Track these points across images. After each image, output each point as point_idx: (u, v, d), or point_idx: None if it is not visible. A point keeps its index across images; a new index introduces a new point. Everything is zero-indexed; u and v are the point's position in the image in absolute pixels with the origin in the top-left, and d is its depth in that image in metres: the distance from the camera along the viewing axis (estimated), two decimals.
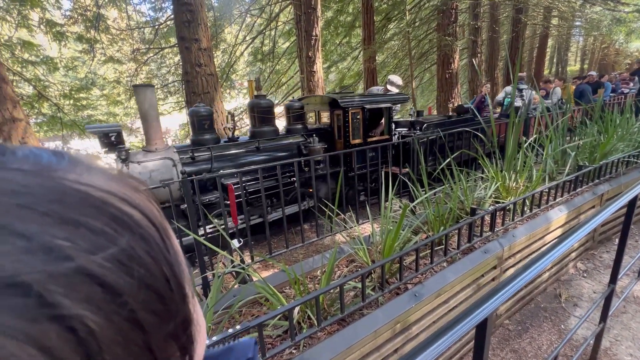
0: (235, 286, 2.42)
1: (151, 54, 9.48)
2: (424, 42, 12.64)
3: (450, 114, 7.72)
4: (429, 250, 2.20)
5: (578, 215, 3.26)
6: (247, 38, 12.42)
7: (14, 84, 6.83)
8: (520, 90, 6.38)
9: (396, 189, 2.99)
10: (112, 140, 3.14)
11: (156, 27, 9.26)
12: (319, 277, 2.41)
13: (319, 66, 8.80)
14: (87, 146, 10.31)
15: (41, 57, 7.92)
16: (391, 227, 2.38)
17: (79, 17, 8.38)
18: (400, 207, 3.07)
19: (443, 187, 2.94)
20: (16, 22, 7.49)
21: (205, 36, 6.62)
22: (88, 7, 8.53)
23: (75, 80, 9.60)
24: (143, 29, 9.46)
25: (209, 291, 2.27)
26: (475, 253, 2.48)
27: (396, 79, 5.97)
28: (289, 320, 1.55)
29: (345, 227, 2.80)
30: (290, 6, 11.09)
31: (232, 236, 2.73)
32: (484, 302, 0.95)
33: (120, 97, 10.09)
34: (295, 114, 4.55)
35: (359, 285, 1.91)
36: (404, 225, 2.66)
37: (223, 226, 2.62)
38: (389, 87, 5.71)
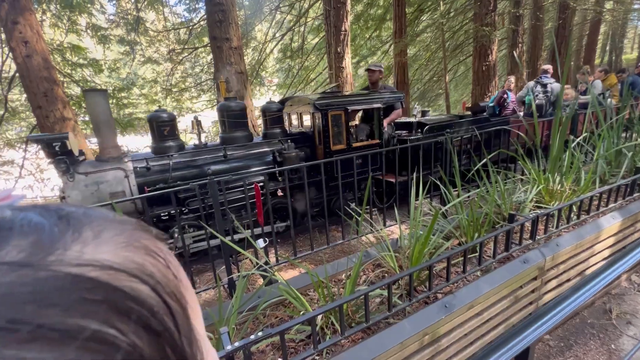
0: (256, 286, 2.43)
1: (185, 54, 9.84)
2: (459, 33, 12.02)
3: (464, 112, 7.26)
4: (462, 258, 2.07)
5: (634, 224, 2.93)
6: (277, 35, 12.51)
7: (64, 85, 7.38)
8: (545, 85, 5.68)
9: (425, 190, 2.84)
10: (57, 150, 2.84)
11: (190, 27, 9.58)
12: (344, 281, 2.37)
13: (347, 62, 8.67)
14: (130, 141, 11.02)
15: (88, 59, 8.49)
16: (421, 232, 2.27)
17: (121, 21, 8.86)
18: (430, 210, 2.93)
19: (478, 189, 2.76)
20: (66, 27, 8.07)
21: (236, 35, 6.73)
22: (129, 11, 9.00)
23: (117, 81, 10.20)
24: (178, 30, 9.83)
25: (234, 291, 2.30)
26: (513, 263, 2.31)
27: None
28: (311, 328, 1.52)
29: (371, 229, 2.72)
30: (319, 1, 11.02)
31: (258, 236, 2.75)
32: (525, 328, 0.85)
33: (157, 96, 10.60)
34: (273, 117, 4.08)
35: (385, 292, 1.84)
36: (435, 229, 2.54)
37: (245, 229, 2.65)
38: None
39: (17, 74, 6.09)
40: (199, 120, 3.76)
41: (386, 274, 2.35)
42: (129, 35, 9.02)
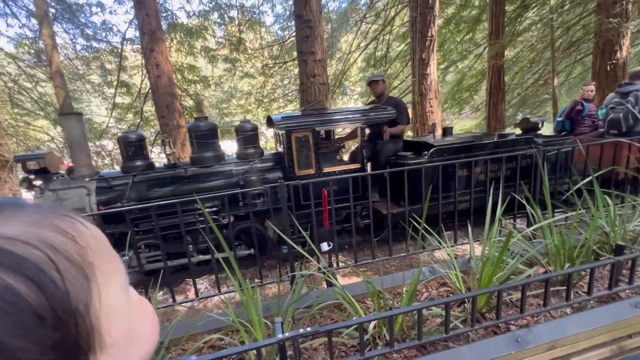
0: (321, 287, 2.54)
1: (276, 68, 10.83)
2: (575, 28, 10.27)
3: (509, 131, 5.86)
4: (543, 290, 1.80)
5: None
6: (361, 45, 12.73)
7: (181, 99, 8.92)
8: (626, 95, 4.20)
9: (504, 208, 2.54)
10: (31, 168, 3.08)
11: (282, 43, 10.52)
12: (403, 295, 2.29)
13: (433, 68, 8.29)
14: (227, 146, 12.66)
15: (200, 76, 10.10)
16: (496, 254, 2.06)
17: (226, 42, 10.30)
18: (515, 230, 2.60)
19: (575, 211, 2.34)
20: (186, 51, 9.78)
21: (321, 48, 7.13)
22: (233, 33, 10.39)
23: (221, 93, 11.84)
24: (272, 46, 10.90)
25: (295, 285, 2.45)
26: (620, 305, 1.90)
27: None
28: (359, 333, 1.54)
29: (439, 245, 2.56)
30: (406, 8, 10.81)
31: (323, 239, 2.88)
32: None
33: (250, 107, 11.91)
34: (247, 137, 3.82)
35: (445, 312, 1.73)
36: (515, 253, 2.26)
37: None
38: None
39: (149, 91, 7.64)
40: (169, 139, 3.78)
41: (451, 294, 2.19)
42: (232, 54, 10.40)
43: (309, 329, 1.45)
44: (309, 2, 6.80)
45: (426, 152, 3.54)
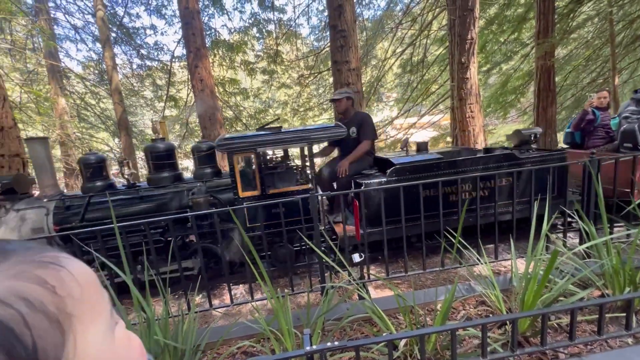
0: (352, 299, 2.52)
1: (311, 78, 11.06)
2: (639, 21, 9.27)
3: (498, 146, 5.12)
4: (598, 315, 1.62)
5: None
6: (397, 51, 12.58)
7: (222, 110, 9.43)
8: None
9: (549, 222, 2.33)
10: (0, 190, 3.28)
11: (317, 53, 10.75)
12: (437, 312, 2.20)
13: (473, 72, 7.94)
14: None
15: (239, 89, 10.63)
16: (542, 272, 1.91)
17: (264, 55, 10.74)
18: (565, 247, 2.38)
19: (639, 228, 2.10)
20: (227, 65, 10.36)
21: (355, 57, 7.17)
22: (271, 46, 10.82)
23: (259, 104, 12.34)
24: (307, 57, 11.18)
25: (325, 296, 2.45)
26: None
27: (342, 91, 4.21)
28: (388, 350, 1.50)
29: (478, 260, 2.42)
30: (445, 11, 10.51)
31: (355, 250, 2.85)
32: None
33: (287, 116, 12.25)
34: (203, 157, 3.78)
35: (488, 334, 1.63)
36: (565, 272, 2.08)
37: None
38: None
39: (194, 104, 8.17)
40: (127, 161, 3.88)
41: (490, 314, 2.06)
42: (269, 66, 10.82)
43: (337, 342, 1.44)
44: (344, 13, 6.89)
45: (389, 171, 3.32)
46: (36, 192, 3.76)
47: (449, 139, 12.84)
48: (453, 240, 2.13)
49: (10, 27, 9.73)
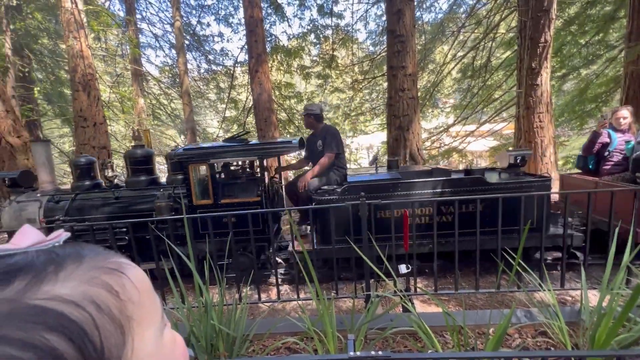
0: (396, 310, 2.48)
1: (365, 83, 11.03)
2: None
3: (489, 166, 4.53)
4: None
5: None
6: (458, 55, 11.97)
7: (277, 113, 9.86)
8: None
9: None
10: (7, 183, 3.80)
11: (372, 59, 10.70)
12: (490, 336, 2.06)
13: (545, 78, 7.24)
14: None
15: (294, 92, 11.01)
16: (619, 306, 1.70)
17: (320, 60, 10.99)
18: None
19: None
20: (284, 70, 10.80)
21: (412, 62, 7.01)
22: (327, 51, 11.03)
23: None
24: (362, 62, 11.18)
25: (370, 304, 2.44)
26: None
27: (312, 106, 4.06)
28: None
29: (540, 286, 2.22)
30: (514, 13, 9.74)
31: (401, 260, 2.80)
32: None
33: (338, 120, 12.38)
34: (174, 163, 3.93)
35: None
36: None
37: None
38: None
39: (252, 106, 8.67)
40: (110, 163, 4.18)
41: (552, 347, 1.87)
42: (324, 70, 11.04)
43: (381, 352, 1.44)
44: (403, 18, 6.79)
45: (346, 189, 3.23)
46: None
47: (511, 149, 11.85)
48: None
49: (106, 37, 11.29)
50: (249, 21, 7.55)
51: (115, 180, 4.20)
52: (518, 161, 3.45)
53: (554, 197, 4.38)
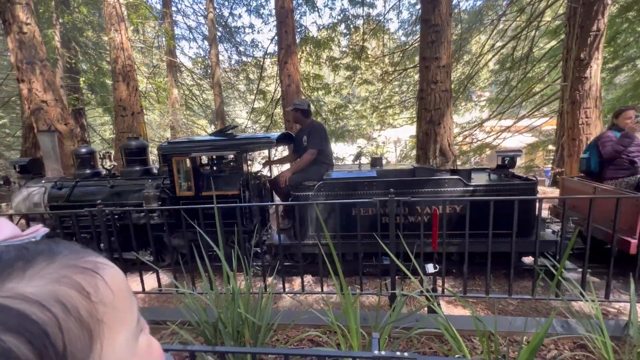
0: (422, 311, 2.43)
1: (395, 75, 10.73)
2: None
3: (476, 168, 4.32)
4: None
5: None
6: (497, 45, 11.29)
7: None
8: None
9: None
10: (17, 170, 4.16)
11: (403, 49, 10.35)
12: (522, 345, 1.96)
13: (595, 70, 6.66)
14: (342, 150, 13.32)
15: (322, 84, 10.93)
16: None
17: (350, 51, 10.81)
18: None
19: None
20: (313, 61, 10.73)
21: (446, 53, 6.69)
22: (357, 42, 10.82)
23: (338, 99, 12.52)
24: (393, 53, 10.85)
25: (394, 303, 2.41)
26: None
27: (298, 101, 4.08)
28: None
29: (582, 297, 2.07)
30: None
31: (429, 259, 2.72)
32: None
33: (365, 112, 12.19)
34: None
35: None
36: None
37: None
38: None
39: (280, 97, 8.72)
40: (108, 154, 4.42)
41: None
42: (353, 61, 10.85)
43: (406, 354, 1.42)
44: (438, 6, 6.49)
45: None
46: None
47: (551, 147, 11.09)
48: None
49: (144, 29, 11.75)
50: (280, 12, 7.53)
51: (113, 170, 4.52)
52: (506, 162, 3.36)
53: (554, 200, 4.16)
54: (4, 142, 13.91)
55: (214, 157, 4.02)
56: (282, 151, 10.14)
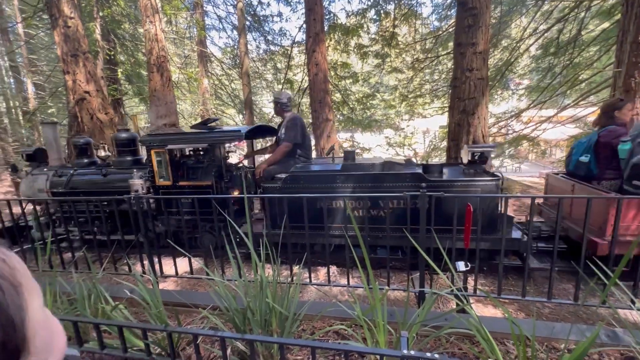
0: (450, 308, 2.35)
1: (427, 62, 10.27)
2: None
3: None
4: None
5: None
6: (540, 28, 10.45)
7: (332, 94, 9.72)
8: None
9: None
10: (24, 158, 4.55)
11: (436, 35, 9.85)
12: (560, 352, 1.85)
13: None
14: (368, 140, 13.09)
15: (349, 72, 10.70)
16: None
17: (379, 38, 10.45)
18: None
19: None
20: (341, 49, 10.51)
21: (484, 39, 6.30)
22: (387, 28, 10.43)
23: (367, 88, 12.24)
24: (425, 39, 10.37)
25: (422, 302, 2.35)
26: None
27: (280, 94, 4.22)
28: None
29: (633, 305, 1.91)
30: None
31: (460, 256, 2.62)
32: None
33: (394, 102, 11.82)
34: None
35: None
36: None
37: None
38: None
39: (307, 87, 8.65)
40: (103, 144, 4.70)
41: None
42: (383, 49, 10.49)
43: (437, 355, 1.37)
44: None
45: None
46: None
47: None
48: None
49: (176, 20, 12.04)
50: None
51: (107, 160, 4.84)
52: (476, 158, 3.24)
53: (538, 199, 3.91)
54: None
55: (190, 149, 4.28)
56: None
